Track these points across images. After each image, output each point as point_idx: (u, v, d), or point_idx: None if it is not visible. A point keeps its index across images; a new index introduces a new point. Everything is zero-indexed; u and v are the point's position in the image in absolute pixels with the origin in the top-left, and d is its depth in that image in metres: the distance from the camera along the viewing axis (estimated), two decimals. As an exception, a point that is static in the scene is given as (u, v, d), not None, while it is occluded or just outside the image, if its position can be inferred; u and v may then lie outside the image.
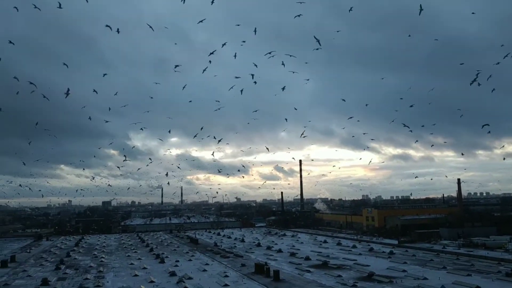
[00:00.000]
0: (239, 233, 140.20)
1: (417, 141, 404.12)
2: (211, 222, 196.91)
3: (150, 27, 60.94)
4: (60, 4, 53.34)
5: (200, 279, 56.38)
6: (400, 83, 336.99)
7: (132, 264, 72.65)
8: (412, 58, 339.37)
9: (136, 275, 60.52)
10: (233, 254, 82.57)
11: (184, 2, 55.78)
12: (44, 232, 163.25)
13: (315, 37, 57.40)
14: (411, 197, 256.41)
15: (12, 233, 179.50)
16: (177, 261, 74.60)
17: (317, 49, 60.92)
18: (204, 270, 63.74)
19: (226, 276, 58.13)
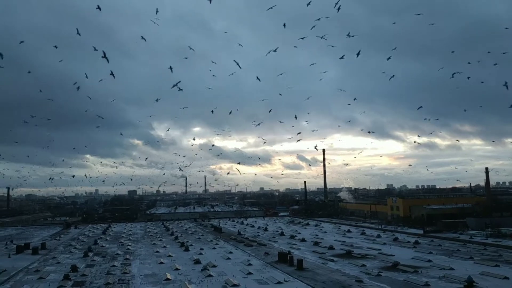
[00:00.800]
0: (262, 222, 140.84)
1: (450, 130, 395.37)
2: (234, 211, 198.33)
3: (154, 22, 60.82)
4: None
5: (224, 267, 56.97)
6: (424, 70, 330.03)
7: (157, 252, 73.89)
8: (435, 44, 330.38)
9: (161, 263, 61.57)
10: (257, 243, 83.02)
11: None
12: (72, 220, 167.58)
13: (319, 36, 56.92)
14: (437, 187, 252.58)
15: (42, 221, 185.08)
16: (202, 249, 75.49)
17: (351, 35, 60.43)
18: (228, 258, 64.36)
19: (250, 264, 58.56)
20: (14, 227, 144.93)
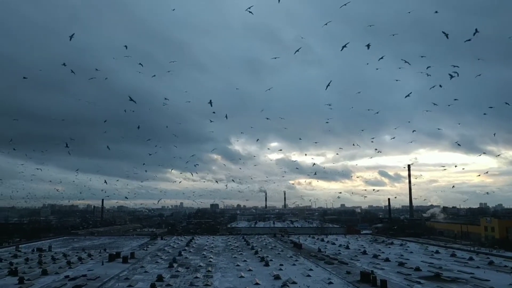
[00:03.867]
0: (343, 240, 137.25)
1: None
2: (314, 228, 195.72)
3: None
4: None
5: (304, 284, 56.11)
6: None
7: (238, 265, 74.77)
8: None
9: (242, 277, 62.19)
10: (338, 261, 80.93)
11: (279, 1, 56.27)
12: (159, 232, 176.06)
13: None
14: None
15: (132, 232, 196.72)
16: (281, 264, 75.14)
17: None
18: (308, 276, 63.35)
19: (331, 282, 57.12)
20: (107, 237, 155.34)
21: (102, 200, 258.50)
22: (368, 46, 63.46)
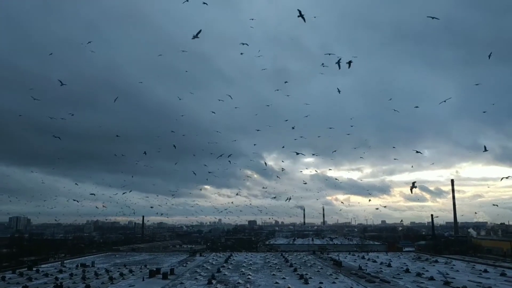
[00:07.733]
0: (385, 257, 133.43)
1: None
2: (354, 245, 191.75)
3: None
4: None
5: (345, 303, 54.78)
6: None
7: (277, 283, 73.97)
8: None
9: (281, 294, 61.41)
10: (379, 279, 78.59)
11: None
12: (197, 248, 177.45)
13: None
14: None
15: (171, 248, 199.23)
16: (321, 282, 73.73)
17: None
18: (349, 294, 61.85)
19: (372, 302, 55.51)
20: (148, 253, 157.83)
21: (143, 216, 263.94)
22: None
